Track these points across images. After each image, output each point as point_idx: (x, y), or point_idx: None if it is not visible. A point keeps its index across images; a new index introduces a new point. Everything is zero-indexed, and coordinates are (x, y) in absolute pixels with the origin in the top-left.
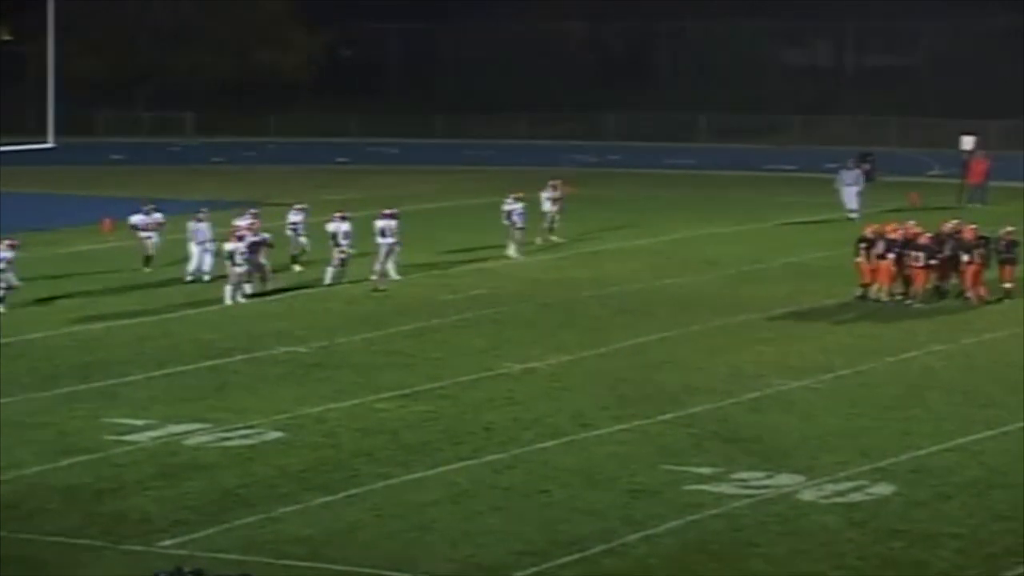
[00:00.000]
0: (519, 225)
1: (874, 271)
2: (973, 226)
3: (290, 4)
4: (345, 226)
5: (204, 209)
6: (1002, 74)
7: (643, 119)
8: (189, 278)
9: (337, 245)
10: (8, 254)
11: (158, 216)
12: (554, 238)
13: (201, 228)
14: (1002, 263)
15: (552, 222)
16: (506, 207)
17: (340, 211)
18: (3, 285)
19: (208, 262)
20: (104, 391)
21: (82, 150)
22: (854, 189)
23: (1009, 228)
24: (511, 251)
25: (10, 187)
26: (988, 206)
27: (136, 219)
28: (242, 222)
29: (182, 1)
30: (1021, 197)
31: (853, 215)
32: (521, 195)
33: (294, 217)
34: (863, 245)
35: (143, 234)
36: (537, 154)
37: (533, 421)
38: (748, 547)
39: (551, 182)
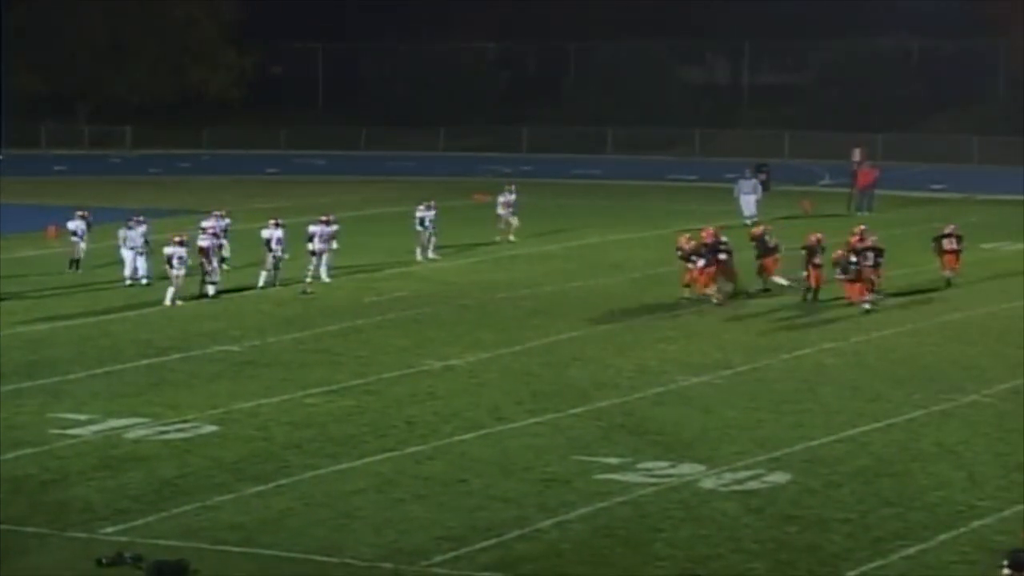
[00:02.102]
0: (431, 231)
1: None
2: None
3: (222, 25)
4: (279, 232)
5: (135, 217)
6: (887, 91)
7: (553, 133)
8: (128, 282)
9: (270, 250)
10: None
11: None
12: (511, 237)
13: (132, 235)
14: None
15: (508, 223)
16: (419, 214)
17: (275, 218)
18: None
19: (143, 266)
20: (49, 388)
21: (27, 162)
22: (752, 197)
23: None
24: (423, 255)
25: None
26: (874, 213)
27: (72, 225)
28: (138, 229)
29: (121, 22)
30: (905, 205)
31: (747, 221)
32: (432, 203)
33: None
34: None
35: (74, 238)
36: (455, 165)
37: (452, 415)
38: (653, 532)
39: (508, 186)
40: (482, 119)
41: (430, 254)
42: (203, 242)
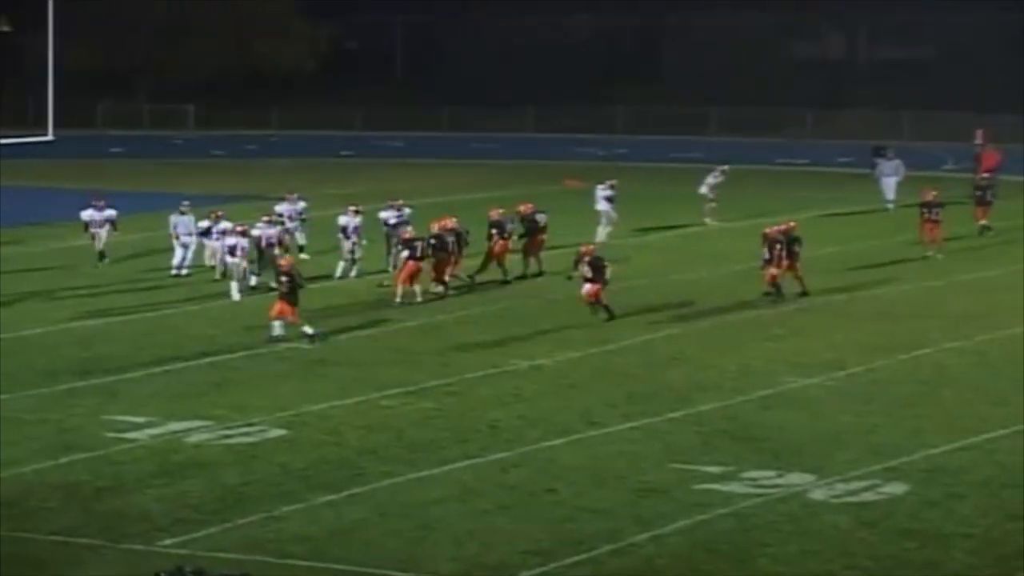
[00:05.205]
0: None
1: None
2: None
3: None
4: (356, 220)
5: (186, 203)
6: (1012, 67)
7: (651, 112)
8: (174, 272)
9: (347, 238)
10: None
11: (111, 212)
12: (708, 220)
13: (183, 221)
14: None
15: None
16: (600, 194)
17: (354, 205)
18: None
19: (188, 255)
20: (104, 388)
21: (81, 143)
22: (893, 179)
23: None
24: (601, 235)
25: (9, 180)
26: (998, 200)
27: (86, 215)
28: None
29: None
30: None
31: (890, 205)
32: (614, 182)
33: (293, 207)
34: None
35: (93, 230)
36: (543, 147)
37: (540, 419)
38: (758, 547)
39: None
40: (573, 97)
41: (603, 237)
42: (255, 231)
